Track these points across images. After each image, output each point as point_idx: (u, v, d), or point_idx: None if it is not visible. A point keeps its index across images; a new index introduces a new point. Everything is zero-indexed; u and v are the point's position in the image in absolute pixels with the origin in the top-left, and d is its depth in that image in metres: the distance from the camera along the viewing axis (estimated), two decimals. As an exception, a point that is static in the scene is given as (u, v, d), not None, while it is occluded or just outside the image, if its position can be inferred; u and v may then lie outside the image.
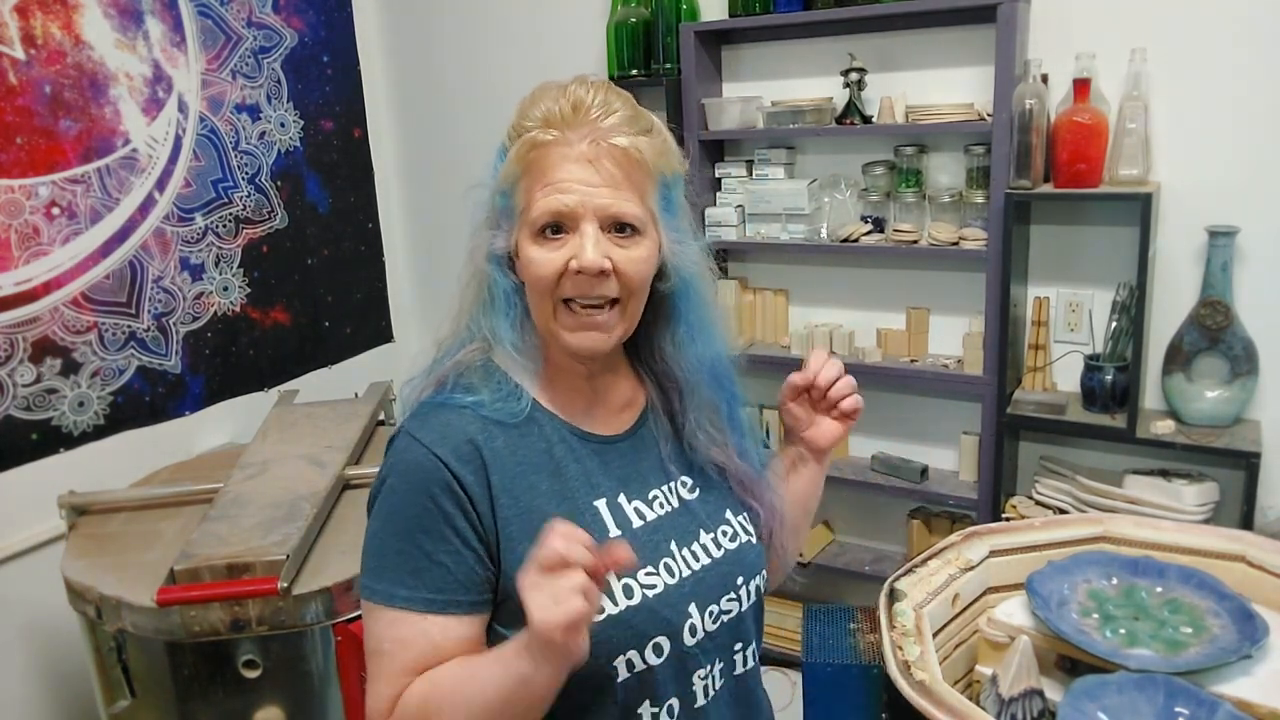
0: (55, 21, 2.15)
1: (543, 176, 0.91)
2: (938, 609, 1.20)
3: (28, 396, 2.14)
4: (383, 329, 3.10)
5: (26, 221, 2.12)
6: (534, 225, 0.91)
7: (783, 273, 2.53)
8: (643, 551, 0.95)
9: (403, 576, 0.90)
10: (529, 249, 0.92)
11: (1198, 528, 1.32)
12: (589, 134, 0.91)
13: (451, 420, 0.94)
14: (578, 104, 0.91)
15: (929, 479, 2.33)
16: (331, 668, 1.61)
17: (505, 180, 0.94)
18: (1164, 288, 2.06)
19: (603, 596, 0.90)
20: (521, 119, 0.94)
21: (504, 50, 2.82)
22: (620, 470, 1.00)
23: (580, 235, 0.90)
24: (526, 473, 0.94)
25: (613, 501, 0.98)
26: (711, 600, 0.99)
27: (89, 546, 1.79)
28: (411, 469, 0.92)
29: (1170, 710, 0.99)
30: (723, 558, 1.01)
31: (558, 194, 0.90)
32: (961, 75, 2.19)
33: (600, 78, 0.97)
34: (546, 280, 0.92)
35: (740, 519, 1.06)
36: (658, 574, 0.96)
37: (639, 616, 0.92)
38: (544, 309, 0.94)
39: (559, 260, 0.91)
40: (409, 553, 0.91)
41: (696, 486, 1.05)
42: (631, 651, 0.92)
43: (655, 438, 1.04)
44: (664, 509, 1.01)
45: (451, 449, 0.91)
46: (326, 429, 2.13)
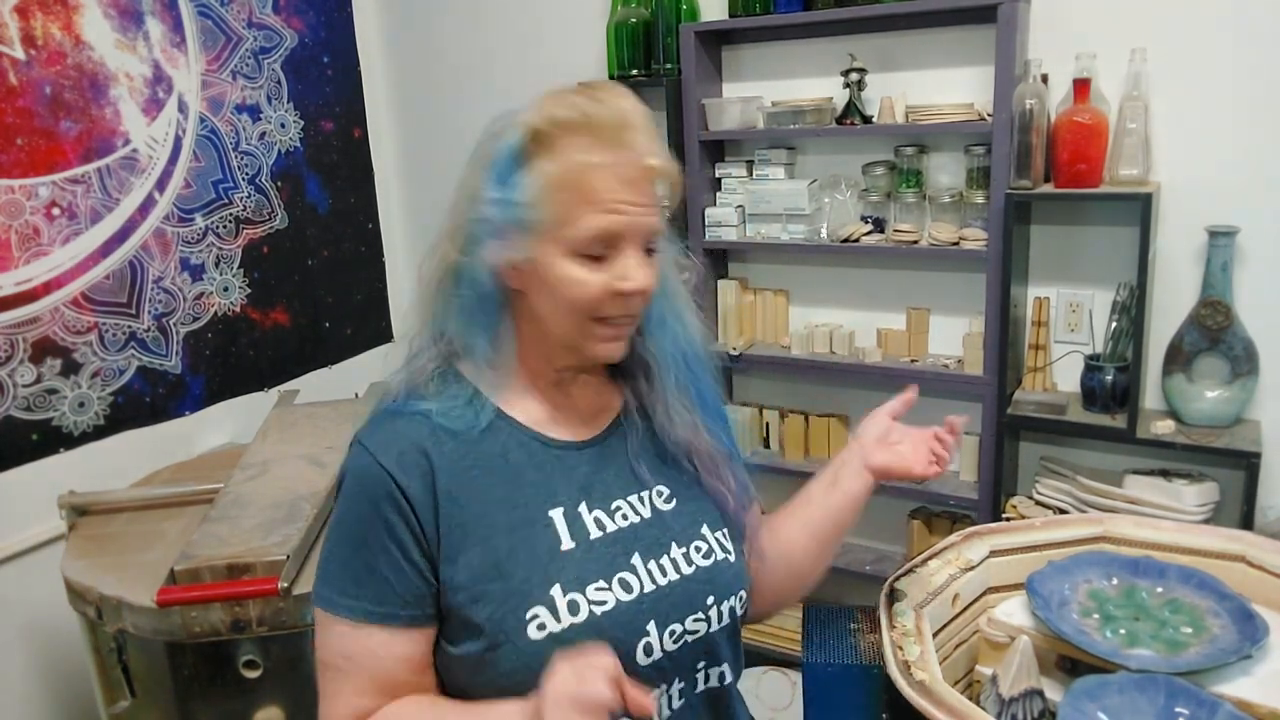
0: (55, 22, 2.15)
1: (590, 195, 0.88)
2: (938, 609, 1.20)
3: (28, 397, 2.14)
4: (383, 329, 3.10)
5: (27, 222, 2.12)
6: (577, 244, 0.89)
7: (783, 273, 2.53)
8: (595, 565, 0.93)
9: (346, 585, 0.90)
10: (567, 267, 0.89)
11: (1198, 528, 1.33)
12: (637, 154, 0.89)
13: (401, 427, 0.92)
14: (623, 121, 0.89)
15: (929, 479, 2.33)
16: (332, 668, 1.61)
17: (530, 192, 0.89)
18: (1164, 288, 2.06)
19: (543, 611, 0.89)
20: (553, 127, 0.89)
21: (504, 50, 2.82)
22: (583, 477, 0.97)
23: (625, 257, 0.90)
24: (478, 478, 0.92)
25: (571, 511, 0.95)
26: (675, 619, 0.94)
27: (89, 547, 1.79)
28: (358, 477, 0.91)
29: (1170, 710, 0.99)
30: (693, 574, 0.97)
31: (609, 215, 0.88)
32: (961, 75, 2.19)
33: (617, 83, 0.95)
34: (591, 301, 0.90)
35: (719, 535, 1.02)
36: (609, 589, 0.92)
37: (585, 635, 0.88)
38: (572, 324, 0.92)
39: (602, 281, 0.90)
40: (352, 562, 0.90)
41: (674, 497, 1.01)
42: None
43: (627, 445, 1.01)
44: (628, 520, 0.97)
45: (396, 457, 0.90)
46: (327, 429, 2.13)
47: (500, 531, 0.91)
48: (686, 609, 0.95)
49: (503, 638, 0.88)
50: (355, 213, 2.96)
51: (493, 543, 0.90)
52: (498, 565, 0.89)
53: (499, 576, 0.89)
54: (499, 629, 0.88)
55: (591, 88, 0.92)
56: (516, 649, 0.87)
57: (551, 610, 0.89)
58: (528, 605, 0.88)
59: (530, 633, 0.88)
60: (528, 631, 0.88)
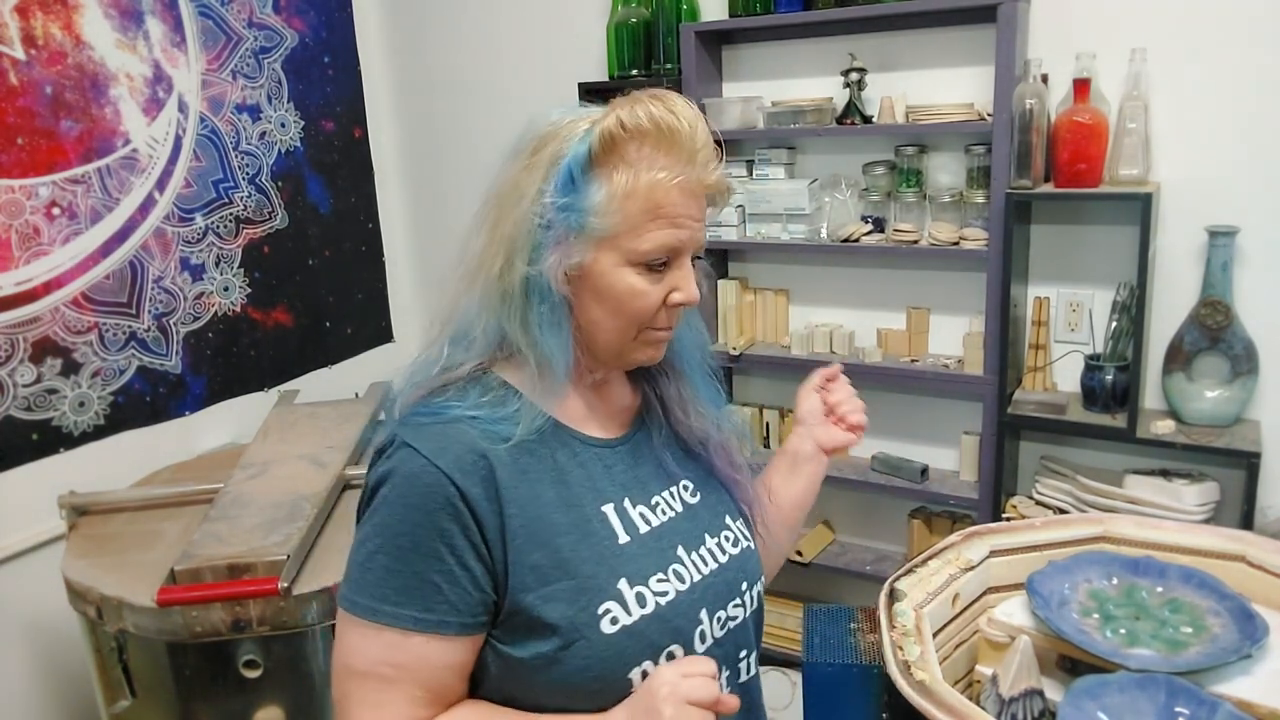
0: (56, 22, 2.15)
1: (659, 209, 0.89)
2: (938, 609, 1.20)
3: (28, 396, 2.14)
4: (383, 329, 3.10)
5: (27, 222, 2.12)
6: (639, 255, 0.90)
7: (783, 273, 2.53)
8: (652, 558, 0.95)
9: (388, 593, 0.87)
10: (628, 277, 0.90)
11: (1198, 528, 1.32)
12: (703, 170, 0.91)
13: (450, 431, 0.90)
14: (694, 138, 0.90)
15: (929, 479, 2.34)
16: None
17: (601, 199, 0.88)
18: (1164, 288, 2.06)
19: (615, 606, 0.90)
20: (629, 136, 0.89)
21: (504, 50, 2.82)
22: (623, 475, 0.98)
23: (682, 269, 0.93)
24: (531, 481, 0.91)
25: (619, 507, 0.96)
26: (720, 606, 0.98)
27: (89, 546, 1.79)
28: (409, 482, 0.88)
29: (1171, 710, 0.99)
30: (728, 563, 1.01)
31: (674, 229, 0.90)
32: (961, 75, 2.19)
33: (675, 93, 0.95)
34: (646, 311, 0.92)
35: (739, 524, 1.06)
36: (669, 580, 0.94)
37: (653, 626, 0.91)
38: (622, 331, 0.94)
39: (661, 293, 0.92)
40: (397, 570, 0.87)
41: (697, 490, 1.04)
42: (646, 662, 0.90)
43: (652, 440, 1.03)
44: (667, 514, 0.99)
45: (454, 460, 0.88)
46: (327, 429, 2.13)
47: (561, 531, 0.91)
48: (728, 596, 0.99)
49: (577, 635, 0.88)
50: (356, 212, 2.96)
51: (555, 543, 0.90)
52: (563, 565, 0.90)
53: (566, 575, 0.89)
54: (573, 626, 0.88)
55: (660, 97, 0.91)
56: (590, 644, 0.88)
57: (622, 604, 0.90)
58: (600, 601, 0.89)
59: (604, 627, 0.89)
60: (601, 626, 0.89)
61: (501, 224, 0.92)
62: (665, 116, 0.89)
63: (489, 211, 0.94)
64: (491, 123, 2.90)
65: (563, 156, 0.89)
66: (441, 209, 3.09)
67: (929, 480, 2.33)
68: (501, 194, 0.93)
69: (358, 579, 0.89)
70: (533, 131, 0.93)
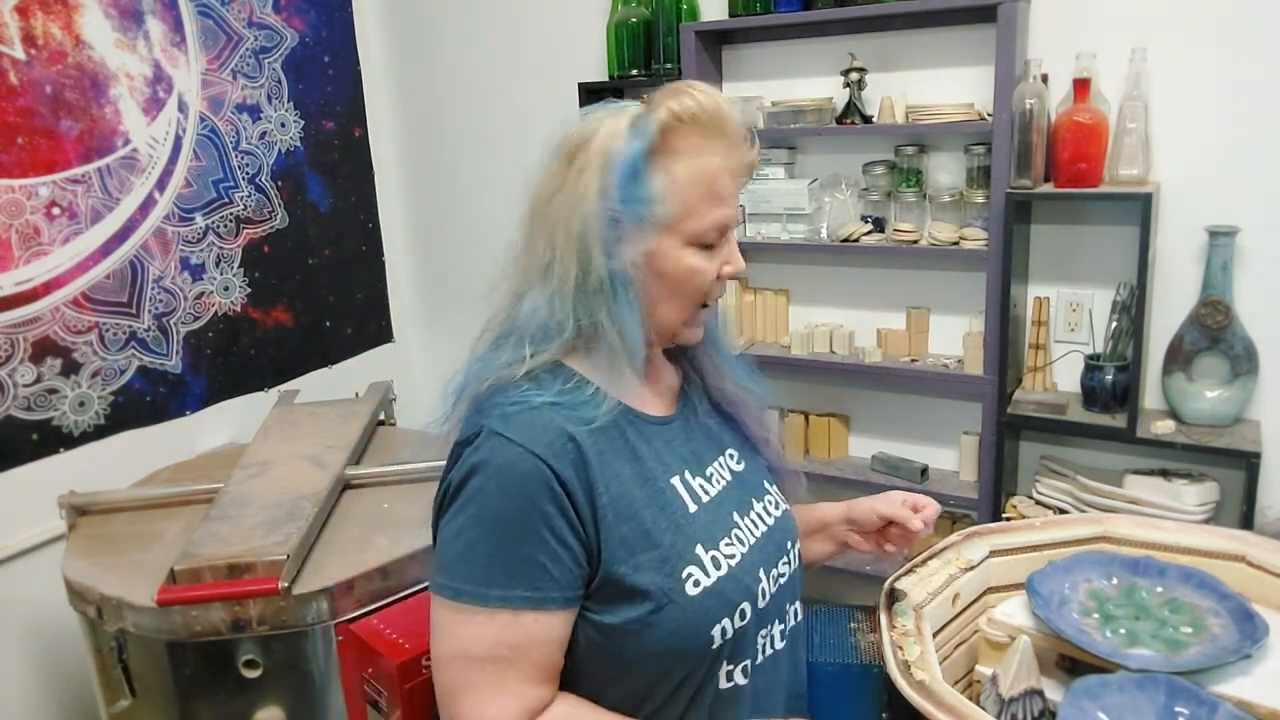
0: (55, 21, 2.15)
1: (713, 191, 0.97)
2: (938, 609, 1.20)
3: (28, 396, 2.14)
4: (383, 329, 3.10)
5: (27, 221, 2.12)
6: (697, 235, 0.97)
7: (783, 273, 2.53)
8: (718, 525, 1.03)
9: (496, 577, 0.92)
10: (688, 257, 0.98)
11: (1198, 528, 1.32)
12: (743, 151, 1.00)
13: (539, 418, 0.95)
14: (734, 121, 0.98)
15: (929, 479, 2.34)
16: (333, 668, 1.61)
17: (662, 189, 0.95)
18: (1164, 287, 2.06)
19: (696, 570, 0.97)
20: (681, 125, 0.95)
21: (504, 50, 2.82)
22: (680, 449, 1.05)
23: (729, 244, 1.01)
24: (610, 460, 0.97)
25: (684, 479, 1.03)
26: (772, 564, 1.07)
27: (89, 546, 1.79)
28: (506, 470, 0.92)
29: (1171, 710, 0.99)
30: (774, 525, 1.10)
31: (725, 209, 0.98)
32: (961, 75, 2.19)
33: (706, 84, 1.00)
34: (705, 287, 1.00)
35: (775, 488, 1.15)
36: (733, 544, 1.02)
37: (729, 586, 0.99)
38: (682, 309, 1.01)
39: (716, 267, 1.00)
40: (500, 555, 0.92)
41: (741, 458, 1.12)
42: (725, 620, 0.98)
43: (698, 414, 1.10)
44: (721, 483, 1.07)
45: (547, 445, 0.93)
46: (327, 429, 2.13)
47: (641, 505, 0.98)
48: (777, 555, 1.08)
49: (666, 599, 0.95)
50: (356, 212, 2.96)
51: (639, 515, 0.97)
52: (648, 535, 0.97)
53: (652, 545, 0.96)
54: (662, 591, 0.95)
55: (694, 87, 0.97)
56: (679, 606, 0.96)
57: (701, 568, 0.98)
58: (683, 566, 0.97)
59: (689, 589, 0.96)
60: (686, 589, 0.96)
61: (566, 226, 0.96)
62: (709, 104, 0.96)
63: (542, 217, 0.99)
64: (491, 123, 2.90)
65: (618, 154, 0.94)
66: (441, 209, 3.09)
67: (929, 480, 2.33)
68: (552, 199, 0.98)
69: (460, 569, 0.93)
70: (566, 138, 0.99)
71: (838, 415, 2.48)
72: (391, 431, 2.31)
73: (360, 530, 1.76)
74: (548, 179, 0.99)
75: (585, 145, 0.96)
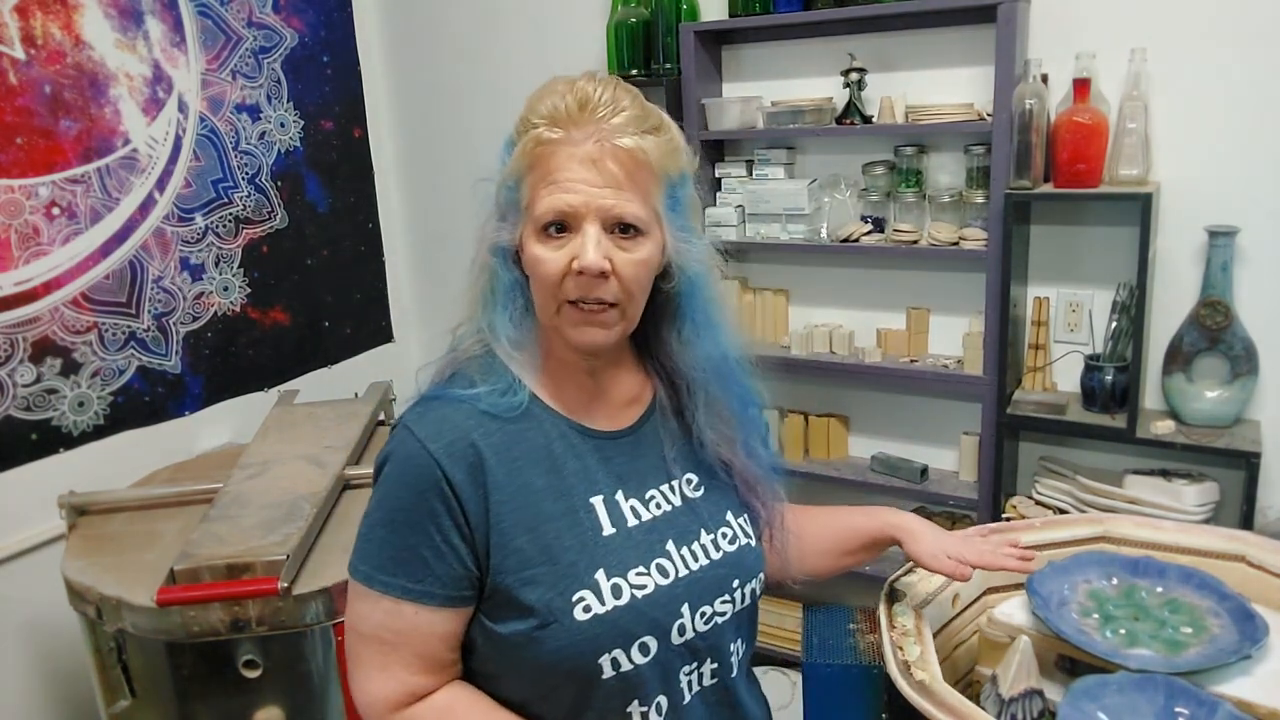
0: (55, 21, 2.15)
1: (547, 175, 0.91)
2: (938, 609, 1.20)
3: (28, 396, 2.14)
4: (383, 329, 3.10)
5: (26, 221, 2.12)
6: (538, 223, 0.92)
7: (783, 273, 2.53)
8: (635, 551, 0.97)
9: (384, 562, 0.93)
10: (533, 246, 0.93)
11: (1198, 528, 1.33)
12: (594, 133, 0.90)
13: (449, 415, 0.95)
14: (584, 101, 0.91)
15: (929, 479, 2.34)
16: (332, 668, 1.61)
17: (511, 175, 0.95)
18: (1164, 288, 2.06)
19: (589, 595, 0.93)
20: (529, 113, 0.94)
21: (504, 50, 2.82)
22: (619, 467, 1.00)
23: (583, 236, 0.90)
24: (523, 469, 0.95)
25: (609, 499, 0.98)
26: (705, 601, 0.99)
27: (89, 546, 1.79)
28: (404, 462, 0.93)
29: (1170, 710, 0.99)
30: (721, 559, 1.02)
31: (561, 193, 0.90)
32: (961, 75, 2.19)
33: (611, 75, 0.98)
34: (552, 279, 0.92)
35: (741, 520, 1.06)
36: (649, 574, 0.96)
37: (626, 617, 0.94)
38: (549, 306, 0.94)
39: (563, 259, 0.91)
40: (392, 541, 0.93)
41: (702, 485, 1.05)
42: (617, 650, 0.93)
43: (660, 435, 1.04)
44: (661, 509, 1.01)
45: (445, 446, 0.92)
46: (327, 429, 2.13)
47: (547, 519, 0.94)
48: (715, 592, 1.00)
49: (551, 618, 0.92)
50: (355, 212, 2.96)
51: (541, 529, 0.94)
52: (547, 550, 0.93)
53: (548, 561, 0.93)
54: (548, 610, 0.92)
55: (584, 76, 0.95)
56: (564, 629, 0.92)
57: (596, 593, 0.93)
58: (575, 589, 0.93)
59: (577, 614, 0.92)
60: (574, 613, 0.92)
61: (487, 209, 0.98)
62: (561, 86, 0.93)
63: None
64: (491, 123, 2.89)
65: (505, 141, 0.96)
66: (441, 209, 3.09)
67: (929, 480, 2.33)
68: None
69: (361, 548, 0.96)
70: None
71: (837, 416, 2.48)
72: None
73: (360, 530, 1.76)
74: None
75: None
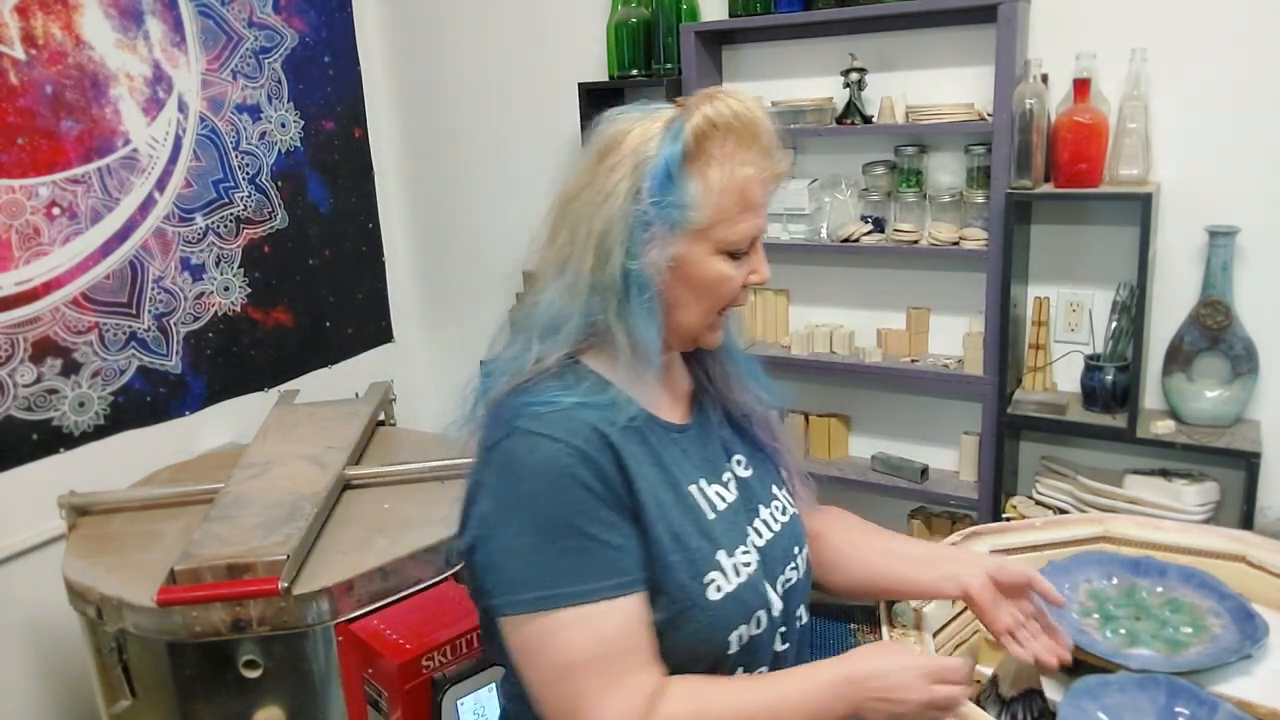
0: (56, 22, 2.15)
1: (747, 201, 0.96)
2: (938, 609, 1.20)
3: (28, 396, 2.14)
4: (383, 329, 3.10)
5: (27, 222, 2.12)
6: (728, 244, 0.97)
7: (783, 273, 2.53)
8: (734, 531, 1.02)
9: (579, 573, 0.89)
10: (717, 264, 0.97)
11: (1198, 528, 1.33)
12: (776, 162, 0.98)
13: (571, 415, 0.93)
14: (770, 132, 0.97)
15: (929, 479, 2.34)
16: (333, 668, 1.61)
17: (696, 195, 0.94)
18: (1164, 288, 2.06)
19: (718, 575, 0.97)
20: (717, 133, 0.95)
21: (504, 50, 2.82)
22: (694, 456, 1.04)
23: (757, 253, 1.00)
24: (641, 462, 0.96)
25: (700, 487, 1.02)
26: (779, 570, 1.05)
27: (89, 547, 1.79)
28: (549, 465, 0.90)
29: (1171, 710, 0.99)
30: (781, 531, 1.08)
31: (755, 219, 0.98)
32: (961, 75, 2.19)
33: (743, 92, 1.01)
34: (731, 294, 1.00)
35: (784, 492, 1.13)
36: (749, 551, 1.02)
37: (747, 593, 0.99)
38: (705, 315, 1.00)
39: (743, 275, 1.00)
40: (576, 548, 0.89)
41: (749, 464, 1.10)
42: (742, 626, 0.98)
43: (711, 420, 1.09)
44: (733, 491, 1.06)
45: (584, 440, 0.92)
46: (327, 429, 2.13)
47: (668, 507, 0.97)
48: (784, 561, 1.07)
49: (689, 602, 0.95)
50: (356, 212, 2.96)
51: (667, 517, 0.96)
52: (676, 537, 0.96)
53: (680, 548, 0.96)
54: (686, 594, 0.95)
55: (729, 94, 0.97)
56: (700, 610, 0.95)
57: (723, 573, 0.98)
58: (706, 571, 0.97)
59: (710, 595, 0.96)
60: (708, 594, 0.96)
61: (589, 223, 0.95)
62: (745, 112, 0.95)
63: (565, 212, 0.98)
64: (491, 122, 2.90)
65: (651, 155, 0.94)
66: (441, 209, 3.09)
67: (929, 480, 2.33)
68: (578, 195, 0.97)
69: (535, 577, 0.89)
70: (600, 135, 0.98)
71: (838, 415, 2.48)
72: (391, 431, 2.31)
73: (360, 530, 1.76)
74: (577, 174, 0.98)
75: (617, 145, 0.96)
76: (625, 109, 0.99)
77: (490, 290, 3.01)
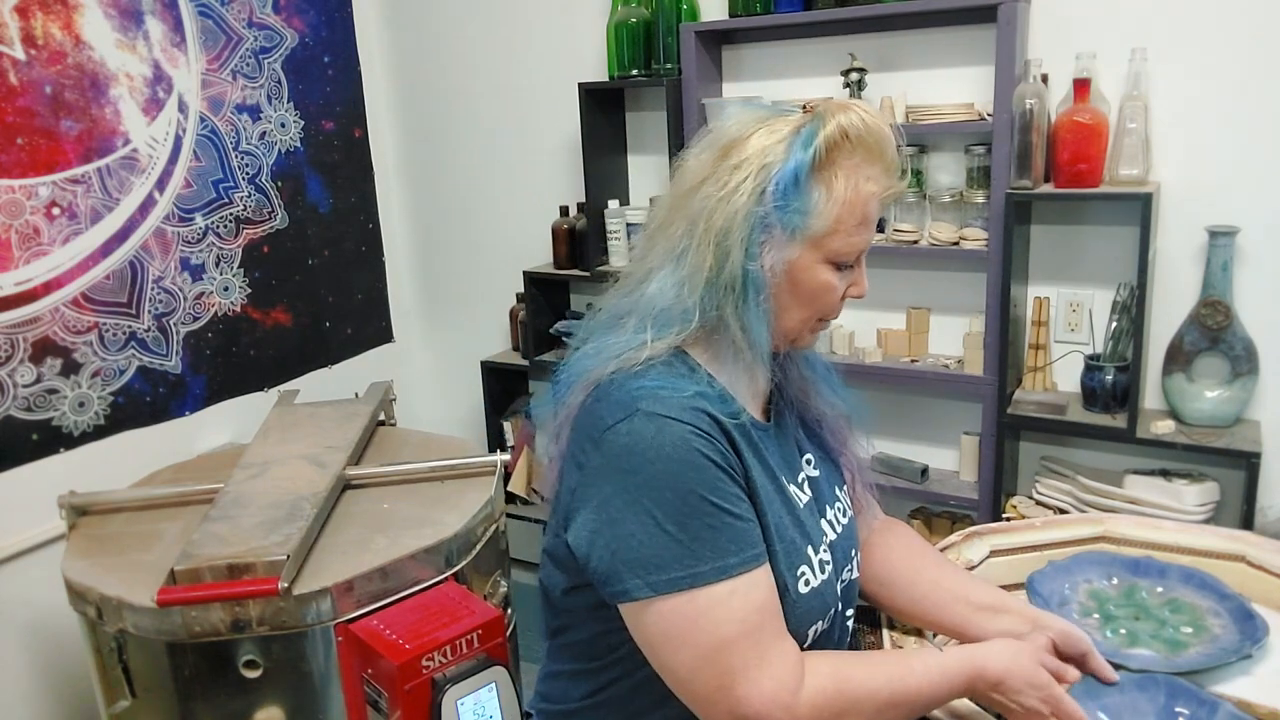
0: (55, 22, 2.15)
1: (865, 215, 0.97)
2: (938, 609, 1.19)
3: (28, 397, 2.14)
4: (383, 329, 3.10)
5: (27, 222, 2.12)
6: (839, 255, 0.98)
7: (783, 273, 2.53)
8: (814, 528, 1.04)
9: (719, 548, 0.89)
10: (825, 273, 0.98)
11: (1198, 528, 1.33)
12: (894, 180, 0.99)
13: (692, 403, 0.94)
14: (894, 151, 0.97)
15: (929, 479, 2.34)
16: (333, 668, 1.61)
17: (819, 203, 0.95)
18: (1164, 288, 2.06)
19: (808, 569, 0.99)
20: (848, 144, 0.95)
21: (504, 50, 2.82)
22: (776, 455, 1.05)
23: (861, 267, 1.01)
24: (747, 454, 0.98)
25: (786, 484, 1.04)
26: (844, 569, 1.08)
27: (89, 547, 1.79)
28: (679, 444, 0.90)
29: (1171, 710, 0.99)
30: (843, 532, 1.10)
31: (867, 233, 0.99)
32: (961, 75, 2.19)
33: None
34: (833, 303, 1.01)
35: (845, 494, 1.15)
36: (826, 550, 1.04)
37: (827, 589, 1.02)
38: (806, 320, 1.01)
39: (844, 286, 1.01)
40: (714, 524, 0.90)
41: (817, 465, 1.11)
42: (820, 621, 1.01)
43: (788, 421, 1.10)
44: (807, 490, 1.07)
45: (706, 423, 0.93)
46: (327, 429, 2.13)
47: (770, 497, 0.99)
48: (845, 561, 1.09)
49: (783, 592, 0.96)
50: (356, 212, 2.96)
51: (772, 507, 0.98)
52: (777, 528, 0.98)
53: (780, 539, 0.98)
54: (782, 584, 0.96)
55: (859, 106, 0.97)
56: (793, 602, 0.97)
57: (811, 568, 1.00)
58: (799, 564, 0.99)
59: (800, 587, 0.98)
60: (799, 586, 0.98)
61: (709, 218, 0.95)
62: (876, 127, 0.96)
63: (682, 203, 0.98)
64: (491, 122, 2.89)
65: (780, 159, 0.94)
66: (441, 209, 3.09)
67: (929, 480, 2.33)
68: (698, 188, 0.97)
69: (674, 557, 0.89)
70: (721, 132, 0.99)
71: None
72: (391, 431, 2.31)
73: (360, 530, 1.76)
74: (696, 167, 0.98)
75: (741, 143, 0.96)
76: (743, 107, 1.01)
77: (490, 290, 3.02)
